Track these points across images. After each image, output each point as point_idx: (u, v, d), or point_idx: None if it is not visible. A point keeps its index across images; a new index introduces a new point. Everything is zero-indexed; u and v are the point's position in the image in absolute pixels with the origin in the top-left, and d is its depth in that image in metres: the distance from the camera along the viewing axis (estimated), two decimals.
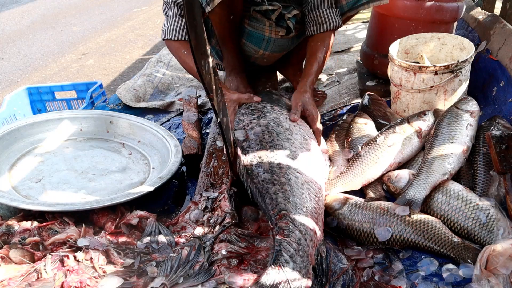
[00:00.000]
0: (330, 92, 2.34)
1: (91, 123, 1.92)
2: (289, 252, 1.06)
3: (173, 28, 1.76)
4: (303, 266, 1.05)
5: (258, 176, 1.29)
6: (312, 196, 1.27)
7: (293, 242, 1.08)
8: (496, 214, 1.22)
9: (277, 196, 1.21)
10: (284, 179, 1.26)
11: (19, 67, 4.44)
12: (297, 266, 1.04)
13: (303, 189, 1.27)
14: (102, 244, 1.20)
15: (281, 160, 1.33)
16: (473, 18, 2.24)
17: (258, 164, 1.32)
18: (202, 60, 1.04)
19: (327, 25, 1.78)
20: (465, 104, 1.52)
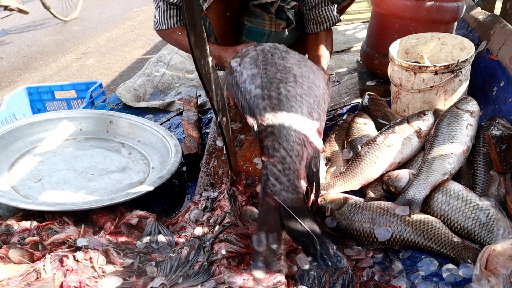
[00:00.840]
0: (330, 92, 2.34)
1: (91, 122, 1.92)
2: (275, 175, 1.06)
3: (164, 18, 1.80)
4: (290, 185, 1.06)
5: (250, 92, 1.23)
6: (304, 108, 1.20)
7: (277, 163, 1.07)
8: (496, 214, 1.22)
9: (265, 112, 1.17)
10: (275, 94, 1.20)
11: (19, 67, 4.44)
12: (283, 186, 1.05)
13: (294, 102, 1.20)
14: (101, 244, 1.19)
15: (273, 75, 1.26)
16: (473, 18, 2.23)
17: (250, 81, 1.26)
18: (202, 60, 1.04)
19: (327, 24, 1.81)
20: (465, 104, 1.52)
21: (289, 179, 1.07)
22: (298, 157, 1.10)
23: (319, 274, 1.10)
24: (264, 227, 1.03)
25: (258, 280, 1.00)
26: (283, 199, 1.04)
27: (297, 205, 1.07)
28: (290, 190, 1.06)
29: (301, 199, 1.08)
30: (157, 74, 2.78)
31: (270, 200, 1.05)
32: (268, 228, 1.02)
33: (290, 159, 1.09)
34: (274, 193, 1.05)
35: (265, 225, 1.03)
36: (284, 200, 1.05)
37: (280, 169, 1.07)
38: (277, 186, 1.05)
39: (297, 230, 1.05)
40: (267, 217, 1.05)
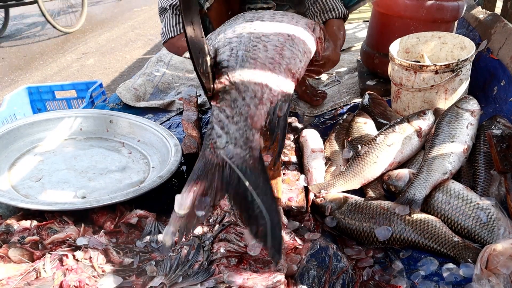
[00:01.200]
0: (330, 92, 2.34)
1: (91, 122, 1.91)
2: (220, 122, 0.84)
3: (170, 26, 1.77)
4: (239, 136, 0.83)
5: (218, 41, 1.06)
6: (271, 45, 0.99)
7: (226, 107, 0.85)
8: (497, 213, 1.22)
9: (223, 53, 0.98)
10: (237, 38, 1.02)
11: (19, 67, 4.45)
12: (230, 137, 0.82)
13: (258, 42, 1.00)
14: (101, 243, 1.19)
15: (239, 23, 1.10)
16: (474, 17, 2.23)
17: (216, 36, 1.11)
18: (200, 58, 1.03)
19: (337, 12, 1.75)
20: (466, 103, 1.51)
21: (239, 128, 0.83)
22: (255, 99, 0.87)
23: (319, 273, 1.10)
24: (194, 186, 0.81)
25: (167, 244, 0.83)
26: (229, 155, 0.82)
27: (249, 166, 0.83)
28: (239, 144, 0.82)
29: (255, 158, 0.84)
30: (157, 74, 2.78)
31: (211, 154, 0.83)
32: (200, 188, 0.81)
33: (242, 101, 0.86)
34: (217, 146, 0.83)
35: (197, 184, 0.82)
36: (231, 157, 0.82)
37: (229, 114, 0.84)
38: (222, 137, 0.83)
39: (243, 202, 0.82)
40: (203, 174, 0.82)
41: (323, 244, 1.18)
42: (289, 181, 1.51)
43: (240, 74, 0.90)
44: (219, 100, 0.88)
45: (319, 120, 2.07)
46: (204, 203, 0.81)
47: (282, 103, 0.92)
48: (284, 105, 0.92)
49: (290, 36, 1.06)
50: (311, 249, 1.17)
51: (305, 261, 1.13)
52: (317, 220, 1.38)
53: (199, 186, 0.81)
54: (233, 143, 0.83)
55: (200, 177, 0.83)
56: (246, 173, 0.82)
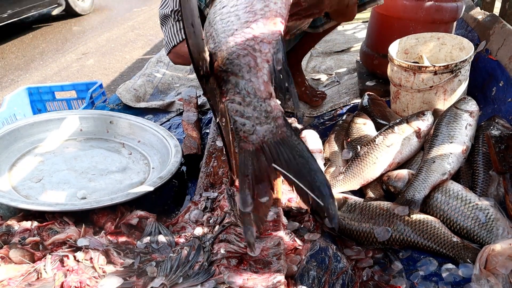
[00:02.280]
0: (329, 92, 2.34)
1: (91, 123, 1.92)
2: (237, 112, 0.84)
3: (173, 33, 1.74)
4: (259, 113, 0.83)
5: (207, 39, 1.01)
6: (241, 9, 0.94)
7: (234, 95, 0.84)
8: (496, 214, 1.22)
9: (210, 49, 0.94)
10: (212, 26, 0.98)
11: (19, 67, 4.45)
12: (253, 119, 0.83)
13: (229, 16, 0.96)
14: (102, 244, 1.20)
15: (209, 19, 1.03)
16: (472, 18, 2.24)
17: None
18: (200, 61, 1.03)
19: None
20: (465, 104, 1.52)
21: (254, 107, 0.83)
22: (252, 71, 0.85)
23: (318, 274, 1.11)
24: (248, 180, 0.82)
25: (252, 246, 0.85)
26: (261, 136, 0.82)
27: (279, 136, 0.84)
28: (263, 121, 0.83)
29: (281, 125, 0.84)
30: (157, 75, 2.78)
31: (246, 144, 0.83)
32: (254, 179, 0.82)
33: (242, 81, 0.84)
34: (248, 133, 0.82)
35: (249, 177, 0.82)
36: (263, 137, 0.82)
37: (240, 100, 0.84)
38: (247, 124, 0.82)
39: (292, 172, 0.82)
40: (249, 166, 0.83)
41: (323, 245, 1.18)
42: None
43: (227, 58, 0.88)
44: (225, 93, 0.86)
45: (319, 120, 2.07)
46: (263, 189, 0.82)
47: (277, 55, 0.88)
48: (278, 55, 0.88)
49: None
50: (311, 249, 1.17)
51: (305, 262, 1.13)
52: (317, 220, 1.38)
53: (250, 178, 0.82)
54: (258, 123, 0.83)
55: (247, 169, 0.83)
56: (282, 145, 0.83)
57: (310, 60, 2.86)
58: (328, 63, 2.76)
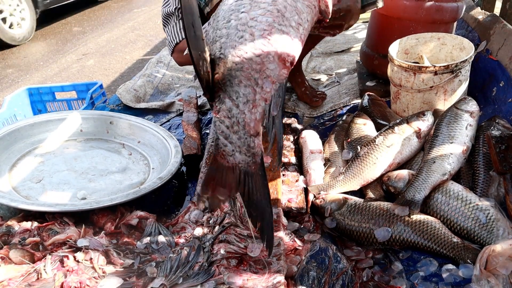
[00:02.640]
0: (330, 93, 2.34)
1: (91, 123, 1.92)
2: (223, 133, 0.88)
3: (175, 31, 1.73)
4: (241, 144, 0.88)
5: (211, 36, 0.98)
6: (258, 30, 0.90)
7: (224, 118, 0.88)
8: (496, 214, 1.22)
9: (214, 54, 0.92)
10: (225, 30, 0.94)
11: (20, 68, 4.45)
12: (235, 146, 0.88)
13: (244, 30, 0.91)
14: (102, 245, 1.20)
15: (227, 10, 0.98)
16: (473, 18, 2.23)
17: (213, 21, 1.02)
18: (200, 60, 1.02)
19: None
20: (465, 104, 1.52)
21: (239, 137, 0.87)
22: (248, 103, 0.86)
23: (318, 274, 1.11)
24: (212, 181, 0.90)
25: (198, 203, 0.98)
26: (238, 162, 0.89)
27: (251, 171, 0.91)
28: (243, 152, 0.88)
29: (257, 163, 0.91)
30: (157, 75, 2.78)
31: (222, 159, 0.90)
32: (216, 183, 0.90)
33: (236, 109, 0.86)
34: (227, 154, 0.89)
35: (215, 179, 0.91)
36: (238, 162, 0.89)
37: (228, 125, 0.87)
38: (228, 147, 0.88)
39: (249, 200, 0.92)
40: (218, 173, 0.91)
41: (323, 245, 1.18)
42: (288, 182, 1.51)
43: (229, 80, 0.88)
44: (217, 110, 0.89)
45: (319, 121, 2.07)
46: (223, 192, 0.91)
47: (276, 99, 0.89)
48: (278, 100, 0.89)
49: (280, 11, 0.94)
50: (310, 250, 1.17)
51: (305, 262, 1.13)
52: (317, 221, 1.38)
53: (215, 181, 0.90)
54: (238, 151, 0.89)
55: (215, 174, 0.91)
56: (250, 176, 0.92)
57: (310, 60, 2.86)
58: (328, 63, 2.76)
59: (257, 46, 0.89)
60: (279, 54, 0.90)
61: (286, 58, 0.91)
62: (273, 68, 0.89)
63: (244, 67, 0.88)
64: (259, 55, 0.89)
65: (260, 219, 0.94)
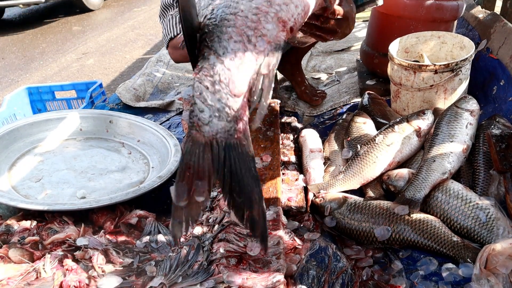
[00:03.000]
0: (330, 91, 2.34)
1: (91, 122, 1.92)
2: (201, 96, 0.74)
3: (171, 25, 1.70)
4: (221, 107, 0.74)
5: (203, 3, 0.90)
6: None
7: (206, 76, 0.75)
8: (496, 213, 1.22)
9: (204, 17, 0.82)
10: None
11: (19, 67, 4.45)
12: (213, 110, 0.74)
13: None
14: (101, 244, 1.20)
15: None
16: (473, 16, 2.23)
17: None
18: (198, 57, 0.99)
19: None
20: (465, 103, 1.51)
21: (220, 97, 0.74)
22: (235, 60, 0.75)
23: (318, 273, 1.10)
24: (188, 173, 0.74)
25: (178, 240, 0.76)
26: (215, 131, 0.74)
27: (233, 141, 0.76)
28: (222, 116, 0.74)
29: (241, 130, 0.76)
30: (157, 74, 2.78)
31: (197, 133, 0.75)
32: (193, 173, 0.74)
33: (221, 65, 0.74)
34: (202, 122, 0.74)
35: (190, 170, 0.74)
36: (216, 132, 0.74)
37: (208, 84, 0.74)
38: (205, 111, 0.73)
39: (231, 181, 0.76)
40: (193, 158, 0.74)
41: (323, 244, 1.18)
42: (288, 181, 1.51)
43: (218, 36, 0.77)
44: (198, 70, 0.76)
45: (319, 120, 2.07)
46: (202, 188, 0.74)
47: (270, 58, 0.78)
48: (271, 60, 0.78)
49: None
50: (310, 249, 1.17)
51: (305, 261, 1.13)
52: (317, 220, 1.38)
53: (191, 171, 0.74)
54: (216, 115, 0.74)
55: (190, 161, 0.75)
56: (232, 149, 0.75)
57: (310, 59, 2.86)
58: (328, 62, 2.76)
59: (253, 4, 0.80)
60: (279, 15, 0.82)
61: (286, 21, 0.83)
62: (271, 28, 0.79)
63: (237, 23, 0.78)
64: (257, 13, 0.80)
65: (248, 205, 0.77)
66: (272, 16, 0.81)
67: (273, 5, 0.83)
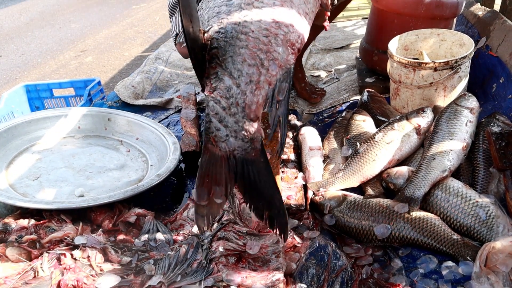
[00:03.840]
0: (329, 89, 2.33)
1: (89, 120, 1.91)
2: (218, 115, 0.79)
3: (177, 23, 1.70)
4: (238, 128, 0.78)
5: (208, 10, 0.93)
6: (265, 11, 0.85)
7: (221, 98, 0.79)
8: (496, 211, 1.22)
9: (211, 29, 0.84)
10: (226, 7, 0.88)
11: (18, 65, 4.43)
12: (230, 130, 0.78)
13: (250, 8, 0.85)
14: (99, 242, 1.19)
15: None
16: (472, 14, 2.22)
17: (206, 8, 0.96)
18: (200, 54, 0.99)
19: None
20: (465, 101, 1.51)
21: (237, 120, 0.79)
22: (251, 84, 0.79)
23: (318, 271, 1.10)
24: (207, 180, 0.82)
25: (202, 230, 0.90)
26: (232, 148, 0.80)
27: (251, 158, 0.82)
28: (240, 137, 0.79)
29: (257, 149, 0.82)
30: (155, 72, 2.77)
31: (213, 148, 0.81)
32: (212, 180, 0.82)
33: (237, 89, 0.78)
34: (219, 140, 0.80)
35: (209, 177, 0.82)
36: (233, 149, 0.80)
37: (225, 105, 0.79)
38: (221, 131, 0.79)
39: (250, 191, 0.84)
40: (211, 167, 0.82)
41: (322, 242, 1.18)
42: (288, 179, 1.50)
43: (231, 56, 0.79)
44: (212, 88, 0.80)
45: (318, 117, 2.06)
46: (219, 192, 0.84)
47: (282, 83, 0.82)
48: (283, 85, 0.82)
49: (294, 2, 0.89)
50: (310, 247, 1.16)
51: (304, 259, 1.13)
52: (316, 218, 1.38)
53: (210, 178, 0.83)
54: (233, 136, 0.80)
55: (208, 169, 0.83)
56: (250, 164, 0.83)
57: (309, 56, 2.85)
58: (327, 59, 2.75)
59: (263, 25, 0.83)
60: (288, 37, 0.85)
61: (294, 42, 0.87)
62: (281, 52, 0.84)
63: (249, 45, 0.82)
64: (267, 35, 0.83)
65: (268, 208, 0.88)
66: (281, 39, 0.85)
67: (281, 26, 0.85)
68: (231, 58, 0.80)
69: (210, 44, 0.82)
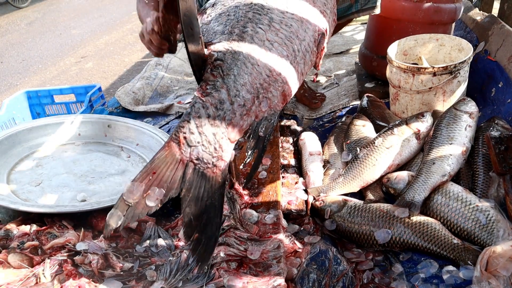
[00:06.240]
0: (329, 94, 2.34)
1: (89, 127, 1.92)
2: (199, 119, 0.77)
3: None
4: (212, 141, 0.76)
5: (212, 29, 0.96)
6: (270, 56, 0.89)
7: (210, 105, 0.78)
8: (496, 215, 1.22)
9: (219, 43, 0.87)
10: (238, 31, 0.91)
11: (18, 71, 4.44)
12: (203, 139, 0.76)
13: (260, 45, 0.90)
14: (101, 248, 1.19)
15: (243, 13, 0.96)
16: (471, 19, 2.24)
17: (215, 20, 0.99)
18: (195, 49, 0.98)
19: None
20: (464, 105, 1.52)
21: (215, 133, 0.78)
22: (243, 108, 0.81)
23: (319, 277, 1.10)
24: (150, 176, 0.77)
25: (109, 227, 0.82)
26: (195, 157, 0.76)
27: (210, 175, 0.79)
28: (209, 150, 0.77)
29: (220, 169, 0.79)
30: (156, 77, 2.78)
31: (176, 148, 0.78)
32: (155, 180, 0.77)
33: (230, 105, 0.79)
34: (187, 141, 0.76)
35: (155, 175, 0.77)
36: (196, 158, 0.76)
37: (211, 114, 0.77)
38: (195, 135, 0.76)
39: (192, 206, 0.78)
40: (163, 166, 0.78)
41: (323, 247, 1.18)
42: (288, 184, 1.51)
43: (235, 75, 0.83)
44: (205, 93, 0.79)
45: (318, 123, 2.07)
46: (156, 195, 0.78)
47: (267, 123, 0.85)
48: (268, 125, 0.86)
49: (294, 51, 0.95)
50: (311, 252, 1.17)
51: (305, 265, 1.13)
52: (317, 223, 1.38)
53: (155, 176, 0.77)
54: (204, 145, 0.77)
55: (158, 167, 0.78)
56: (205, 181, 0.79)
57: None
58: (327, 65, 2.76)
59: (269, 67, 0.88)
60: (284, 88, 0.91)
61: (287, 94, 0.93)
62: (276, 95, 0.88)
63: (253, 74, 0.85)
64: (269, 75, 0.88)
65: (200, 230, 0.80)
66: (279, 86, 0.90)
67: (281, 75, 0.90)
68: (234, 76, 0.83)
69: (217, 54, 0.84)
